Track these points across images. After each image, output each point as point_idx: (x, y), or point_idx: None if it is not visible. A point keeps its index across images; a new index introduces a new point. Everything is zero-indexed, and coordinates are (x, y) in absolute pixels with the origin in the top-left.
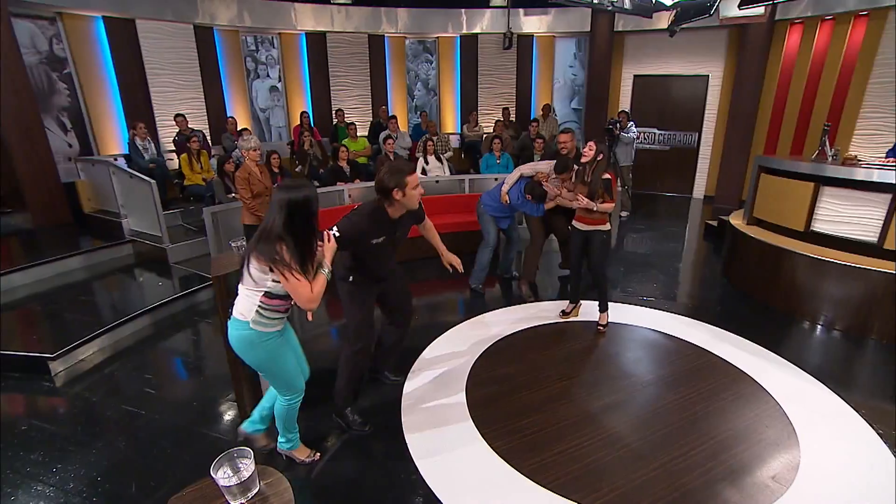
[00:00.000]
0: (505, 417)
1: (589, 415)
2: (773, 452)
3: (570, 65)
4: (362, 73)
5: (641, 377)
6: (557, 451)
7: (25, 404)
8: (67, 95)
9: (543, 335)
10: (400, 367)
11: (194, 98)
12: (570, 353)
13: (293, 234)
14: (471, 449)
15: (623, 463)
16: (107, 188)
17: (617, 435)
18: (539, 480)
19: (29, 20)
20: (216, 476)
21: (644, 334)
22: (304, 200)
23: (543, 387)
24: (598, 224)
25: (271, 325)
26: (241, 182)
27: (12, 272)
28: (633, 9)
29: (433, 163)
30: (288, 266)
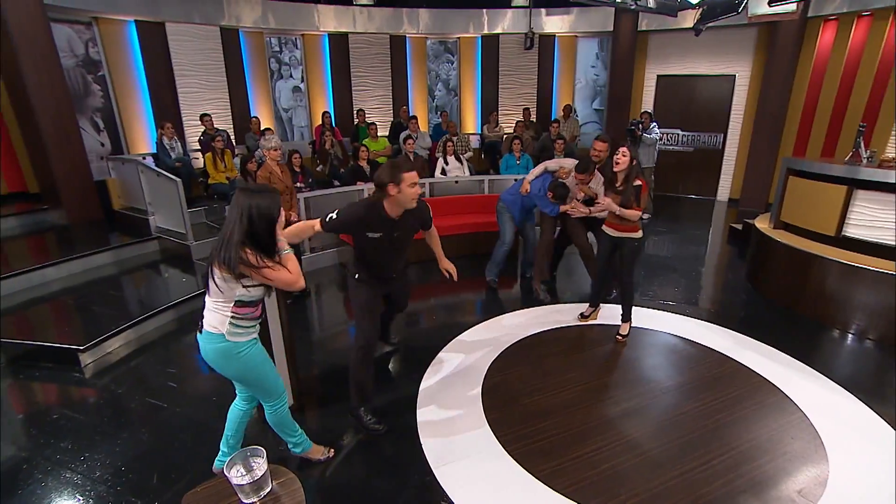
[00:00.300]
0: (521, 420)
1: (606, 420)
2: (799, 466)
3: (592, 65)
4: (384, 74)
5: (661, 383)
6: (573, 456)
7: (57, 394)
8: (101, 97)
9: (561, 338)
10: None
11: (219, 98)
12: (588, 357)
13: (254, 241)
14: (485, 452)
15: (641, 470)
16: (135, 186)
17: (635, 441)
18: (554, 485)
19: (67, 25)
20: (229, 474)
21: (664, 339)
22: (267, 207)
23: (560, 390)
24: (629, 231)
25: (247, 334)
26: (262, 181)
27: (47, 266)
28: (658, 8)
29: (453, 163)
30: (257, 266)
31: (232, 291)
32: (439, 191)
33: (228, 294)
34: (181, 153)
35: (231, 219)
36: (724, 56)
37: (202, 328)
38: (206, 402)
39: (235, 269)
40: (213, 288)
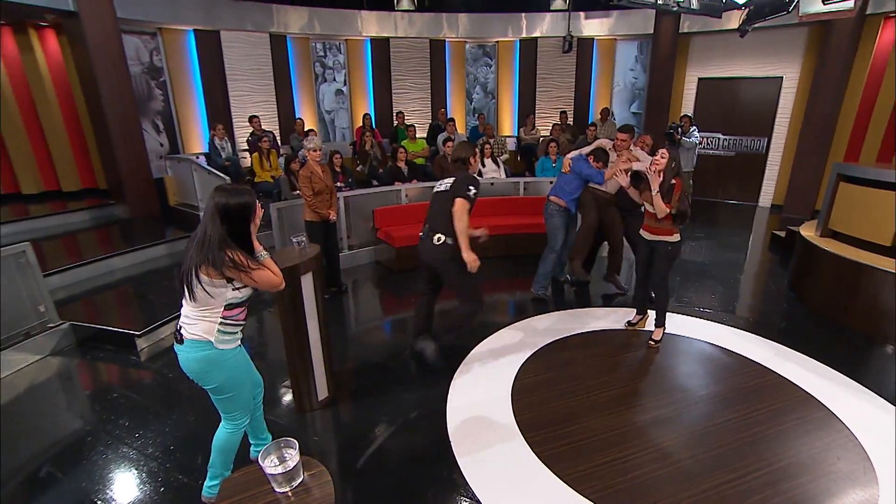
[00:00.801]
0: (550, 423)
1: (637, 427)
2: (845, 488)
3: (631, 68)
4: (423, 77)
5: (695, 392)
6: (602, 462)
7: (117, 374)
8: (162, 101)
9: (593, 342)
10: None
11: (267, 101)
12: (620, 361)
13: (234, 239)
14: (513, 452)
15: (671, 480)
16: (189, 184)
17: (666, 450)
18: (581, 490)
19: (135, 35)
20: (263, 464)
21: (699, 347)
22: (241, 206)
23: (590, 394)
24: (664, 234)
25: (234, 340)
26: (304, 181)
27: (112, 256)
28: (701, 9)
29: (489, 165)
30: (245, 267)
31: (222, 296)
32: None
33: (219, 299)
34: (230, 153)
35: (204, 220)
36: (771, 57)
37: (181, 339)
38: None
39: (221, 268)
40: (199, 295)
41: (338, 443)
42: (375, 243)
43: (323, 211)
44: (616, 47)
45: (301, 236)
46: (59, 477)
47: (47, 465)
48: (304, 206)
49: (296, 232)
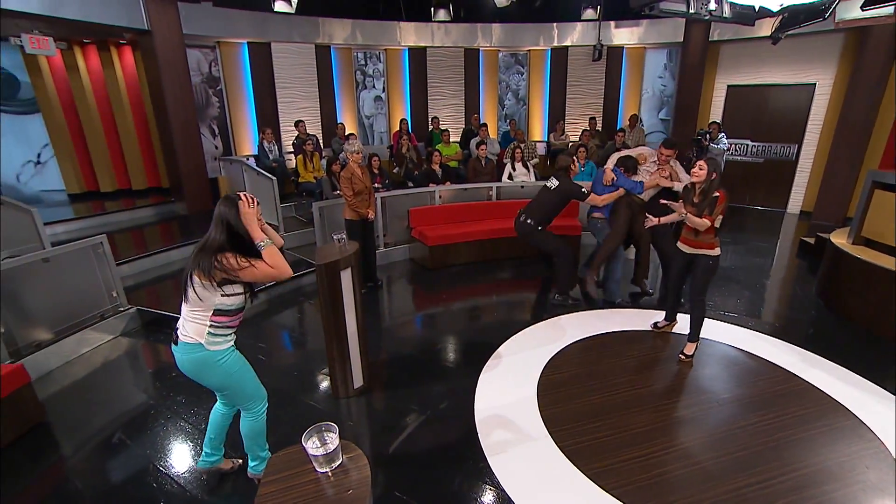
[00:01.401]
0: (574, 418)
1: (659, 426)
2: (873, 498)
3: (660, 75)
4: (457, 84)
5: (719, 394)
6: (625, 458)
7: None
8: (217, 107)
9: (619, 341)
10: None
11: (311, 107)
12: (644, 362)
13: (235, 244)
14: (538, 446)
15: (693, 480)
16: (239, 183)
17: (688, 450)
18: (603, 485)
19: (197, 49)
20: (306, 445)
21: (723, 350)
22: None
23: (615, 392)
24: (705, 248)
25: (225, 342)
26: (345, 181)
27: (172, 249)
28: (734, 17)
29: (520, 169)
30: (238, 268)
31: (211, 300)
32: (506, 195)
33: (208, 302)
34: (277, 155)
35: (212, 227)
36: (804, 64)
37: (178, 339)
38: (289, 375)
39: (211, 272)
40: (191, 296)
41: (371, 429)
42: (410, 242)
43: (362, 210)
44: (645, 55)
45: (341, 234)
46: (128, 443)
47: (119, 431)
48: (345, 205)
49: (336, 229)
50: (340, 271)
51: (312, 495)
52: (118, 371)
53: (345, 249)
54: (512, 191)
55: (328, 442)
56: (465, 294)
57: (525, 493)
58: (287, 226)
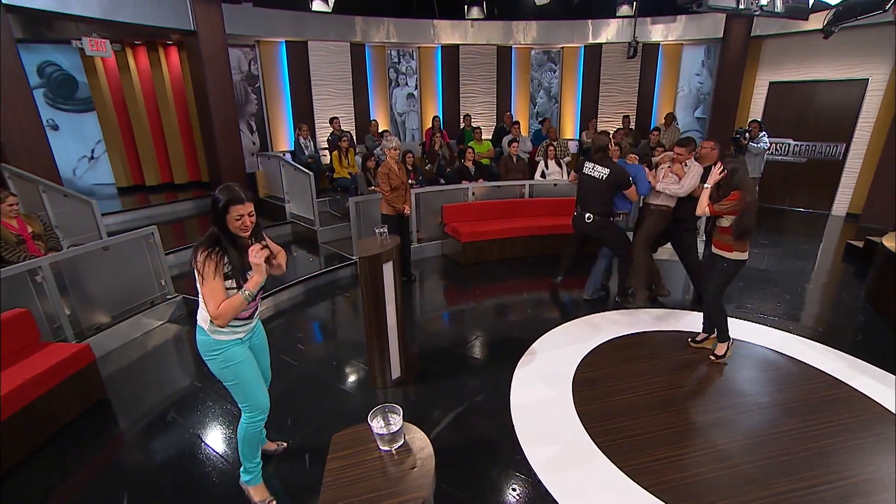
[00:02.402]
0: (609, 416)
1: (695, 427)
2: None
3: (697, 73)
4: (489, 82)
5: (757, 398)
6: (661, 457)
7: None
8: (256, 104)
9: (652, 342)
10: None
11: (345, 104)
12: (679, 362)
13: (224, 240)
14: (573, 440)
15: (732, 482)
16: (276, 178)
17: (726, 452)
18: (640, 481)
19: (238, 48)
20: (371, 424)
21: (761, 353)
22: (213, 201)
23: (649, 392)
24: (722, 248)
25: (230, 333)
26: (382, 177)
27: None
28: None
29: (553, 167)
30: (198, 269)
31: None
32: (539, 192)
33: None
34: (313, 151)
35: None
36: (856, 58)
37: (196, 320)
38: (327, 364)
39: (192, 262)
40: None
41: (408, 419)
42: (442, 238)
43: (398, 205)
44: (682, 52)
45: (383, 228)
46: (180, 421)
47: (171, 410)
48: (381, 200)
49: (372, 224)
50: (383, 264)
51: (379, 470)
52: (168, 355)
53: (386, 243)
54: (545, 188)
55: (392, 423)
56: (498, 291)
57: (562, 485)
58: (323, 220)
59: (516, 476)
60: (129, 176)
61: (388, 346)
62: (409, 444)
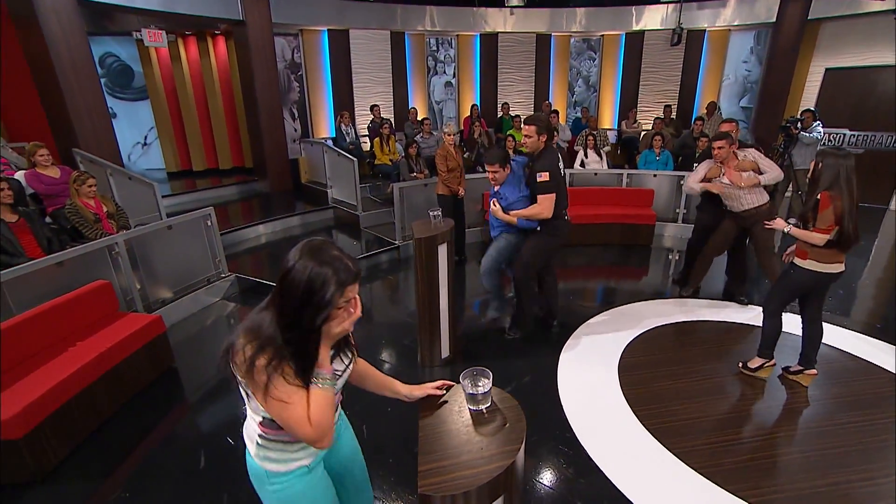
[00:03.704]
0: (657, 400)
1: (745, 414)
2: None
3: (745, 60)
4: (528, 70)
5: (810, 390)
6: (711, 441)
7: None
8: (298, 92)
9: (700, 330)
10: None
11: (384, 92)
12: (726, 351)
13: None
14: (621, 420)
15: (787, 469)
16: (319, 164)
17: (779, 440)
18: (691, 464)
19: (282, 37)
20: (463, 383)
21: None
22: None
23: (697, 379)
24: (797, 255)
25: (288, 461)
26: (440, 159)
27: (258, 224)
28: None
29: (592, 156)
30: (263, 386)
31: (255, 402)
32: (579, 181)
33: (251, 402)
34: (354, 138)
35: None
36: None
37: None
38: (375, 344)
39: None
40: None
41: None
42: (483, 224)
43: (453, 186)
44: (729, 38)
45: (437, 211)
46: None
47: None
48: (438, 181)
49: (416, 209)
50: (437, 246)
51: (476, 424)
52: (224, 329)
53: (440, 226)
54: (585, 178)
55: (481, 385)
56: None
57: (613, 464)
58: (364, 205)
59: (568, 453)
60: (177, 161)
61: (438, 326)
62: (498, 405)
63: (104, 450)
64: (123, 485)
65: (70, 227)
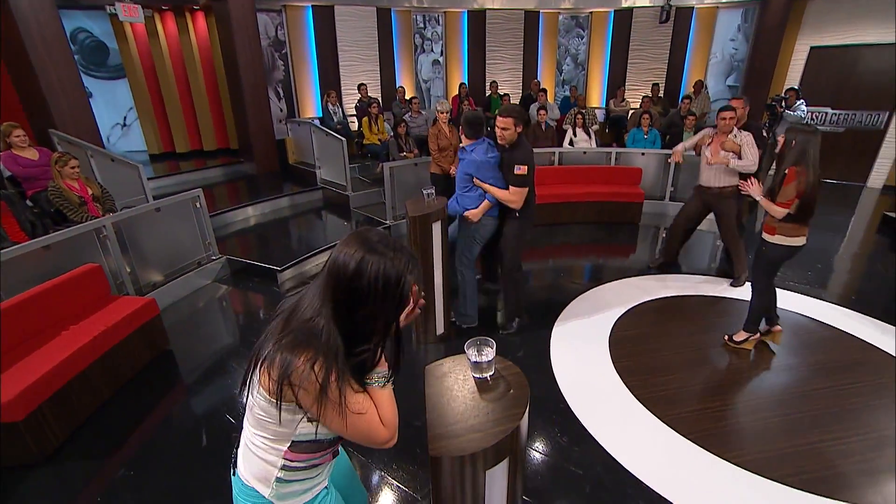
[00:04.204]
0: (646, 371)
1: (729, 382)
2: None
3: (732, 38)
4: (516, 48)
5: (789, 359)
6: (697, 409)
7: (263, 301)
8: (283, 70)
9: (685, 304)
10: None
11: (371, 70)
12: (711, 324)
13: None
14: (613, 391)
15: (767, 432)
16: (306, 144)
17: (760, 405)
18: (679, 430)
19: (265, 13)
20: (468, 352)
21: (791, 318)
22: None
23: (683, 350)
24: (765, 230)
25: (313, 487)
26: (432, 137)
27: (247, 206)
28: None
29: (581, 135)
30: (320, 393)
31: (290, 424)
32: (568, 160)
33: (281, 429)
34: (342, 117)
35: (315, 290)
36: None
37: (236, 467)
38: None
39: (287, 379)
40: (255, 414)
41: None
42: None
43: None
44: (717, 16)
45: (431, 189)
46: (235, 367)
47: (229, 360)
48: (431, 160)
49: (405, 188)
50: (432, 223)
51: (481, 391)
52: (217, 311)
53: (434, 203)
54: (574, 156)
55: (485, 354)
56: (531, 255)
57: (606, 432)
58: (353, 186)
59: (563, 423)
60: (160, 143)
61: (433, 303)
62: (501, 373)
63: (105, 431)
64: (127, 463)
65: (53, 211)
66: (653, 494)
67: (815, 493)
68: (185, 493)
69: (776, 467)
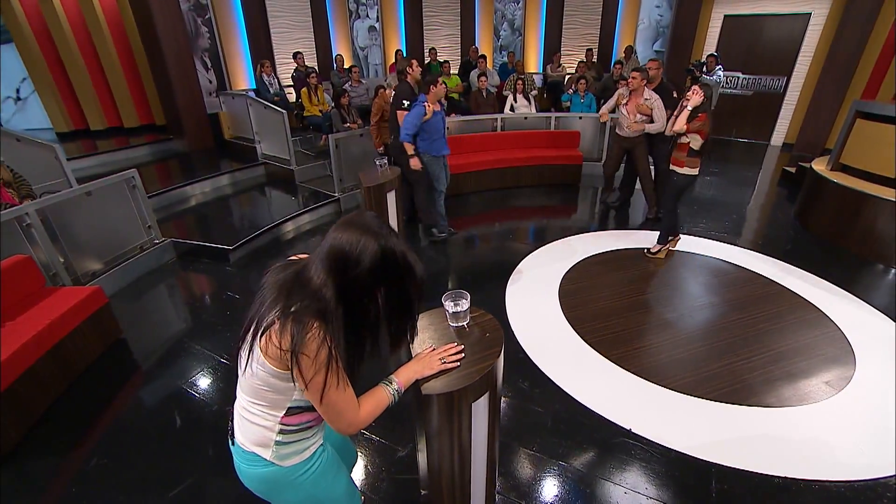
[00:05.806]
0: (592, 318)
1: (663, 322)
2: (829, 365)
3: (657, 4)
4: (453, 14)
5: (709, 297)
6: (638, 347)
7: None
8: (208, 38)
9: (624, 257)
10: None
11: (306, 38)
12: (646, 273)
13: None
14: (566, 339)
15: (694, 361)
16: (243, 118)
17: (687, 339)
18: (624, 366)
19: None
20: (445, 304)
21: (712, 263)
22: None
23: (623, 298)
24: (675, 164)
25: (309, 446)
26: (378, 110)
27: (185, 185)
28: None
29: (521, 101)
30: (311, 359)
31: (288, 392)
32: (510, 126)
33: (279, 397)
34: (278, 88)
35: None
36: None
37: (234, 437)
38: None
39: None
40: (251, 381)
41: None
42: None
43: (385, 137)
44: None
45: (384, 159)
46: (197, 349)
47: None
48: (377, 133)
49: (351, 160)
50: (386, 193)
51: (460, 337)
52: (166, 297)
53: (387, 173)
54: (516, 122)
55: (460, 304)
56: (480, 220)
57: (562, 374)
58: (297, 160)
59: (523, 371)
60: (68, 120)
61: None
62: (476, 320)
63: (65, 424)
64: (99, 452)
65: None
66: (603, 420)
67: (728, 402)
68: (168, 472)
69: (700, 387)
